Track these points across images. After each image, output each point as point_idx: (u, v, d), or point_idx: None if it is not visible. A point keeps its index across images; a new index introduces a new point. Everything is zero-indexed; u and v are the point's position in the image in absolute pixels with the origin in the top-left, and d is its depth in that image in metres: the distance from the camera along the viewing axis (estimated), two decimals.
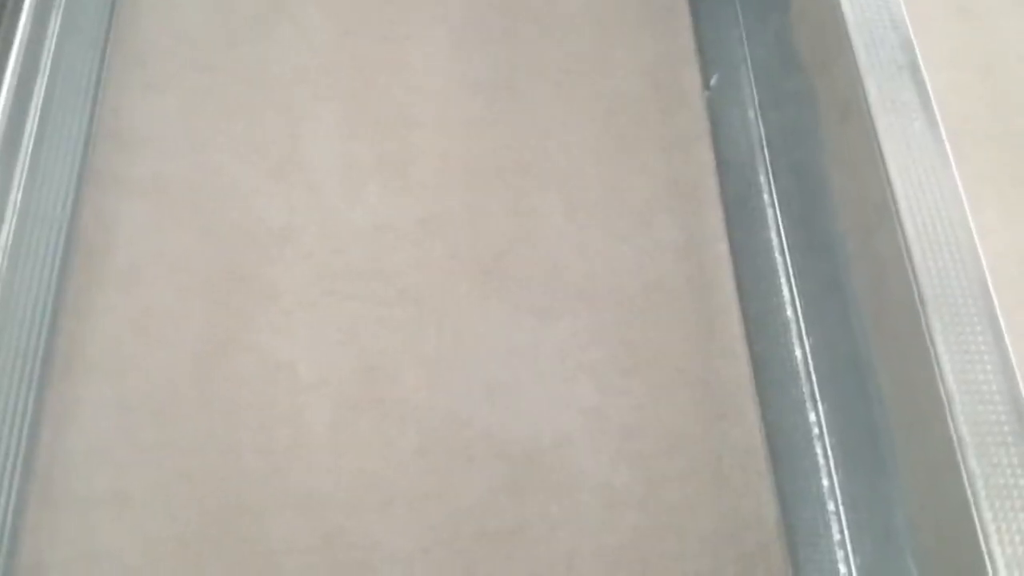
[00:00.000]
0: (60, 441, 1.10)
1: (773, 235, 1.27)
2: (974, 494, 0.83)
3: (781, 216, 1.26)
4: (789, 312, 1.21)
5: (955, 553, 0.86)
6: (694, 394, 1.25)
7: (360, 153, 1.36)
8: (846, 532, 1.07)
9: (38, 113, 1.08)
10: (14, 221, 1.04)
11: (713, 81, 1.45)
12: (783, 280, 1.23)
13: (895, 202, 0.95)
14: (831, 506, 1.08)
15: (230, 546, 1.08)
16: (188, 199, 1.28)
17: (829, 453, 1.10)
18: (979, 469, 0.84)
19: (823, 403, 1.13)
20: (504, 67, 1.47)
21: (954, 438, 0.85)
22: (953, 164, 0.97)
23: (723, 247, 1.36)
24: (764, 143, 1.32)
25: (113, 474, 1.09)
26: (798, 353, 1.18)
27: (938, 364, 0.88)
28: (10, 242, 1.03)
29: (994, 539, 0.81)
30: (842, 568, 1.06)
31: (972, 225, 0.94)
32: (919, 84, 1.00)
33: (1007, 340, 0.89)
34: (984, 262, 0.94)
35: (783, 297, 1.22)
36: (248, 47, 1.41)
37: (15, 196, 1.04)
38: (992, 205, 1.39)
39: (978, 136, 1.43)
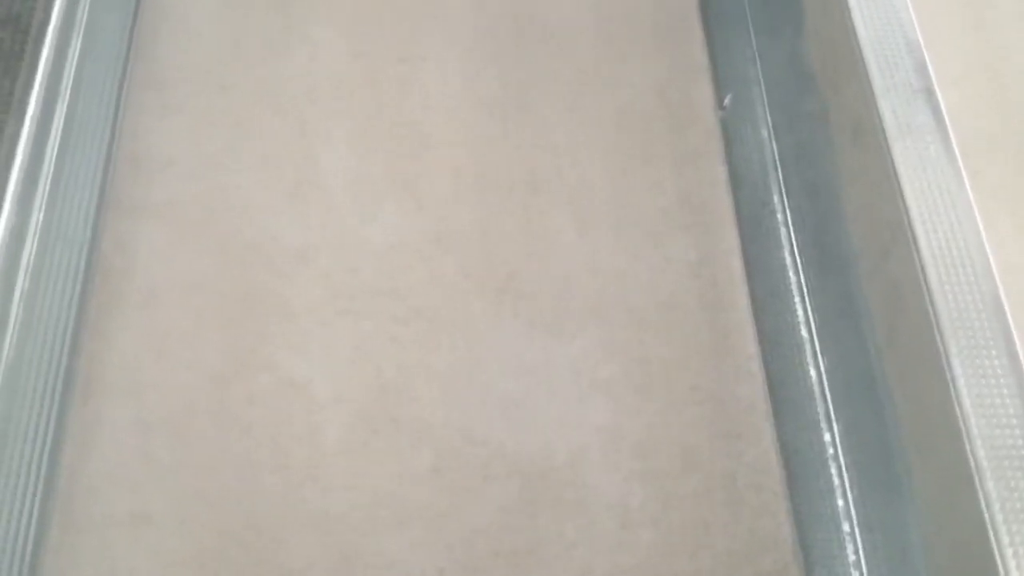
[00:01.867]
0: (80, 462, 1.11)
1: (787, 254, 1.27)
2: (991, 518, 0.83)
3: (795, 235, 1.26)
4: (804, 332, 1.21)
5: None
6: (708, 413, 1.25)
7: (374, 172, 1.37)
8: (861, 553, 1.06)
9: (59, 137, 1.10)
10: (35, 243, 1.05)
11: (727, 101, 1.46)
12: (797, 299, 1.23)
13: (910, 224, 0.95)
14: (846, 527, 1.08)
15: (247, 566, 1.09)
16: (204, 220, 1.29)
17: (844, 474, 1.10)
18: (996, 493, 0.84)
19: (838, 423, 1.13)
20: (516, 85, 1.48)
21: (971, 461, 0.85)
22: (968, 188, 0.97)
23: (736, 264, 1.37)
24: (777, 162, 1.32)
25: (132, 495, 1.10)
26: (813, 373, 1.18)
27: (954, 387, 0.88)
28: (31, 264, 1.04)
29: (1012, 564, 0.80)
30: None
31: (988, 248, 0.94)
32: (934, 108, 1.01)
33: None
34: (999, 281, 0.94)
35: (797, 316, 1.22)
36: (263, 69, 1.43)
37: (36, 218, 1.06)
38: (1006, 219, 1.39)
39: (992, 151, 1.43)
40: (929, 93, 1.02)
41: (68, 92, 1.14)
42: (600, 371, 1.26)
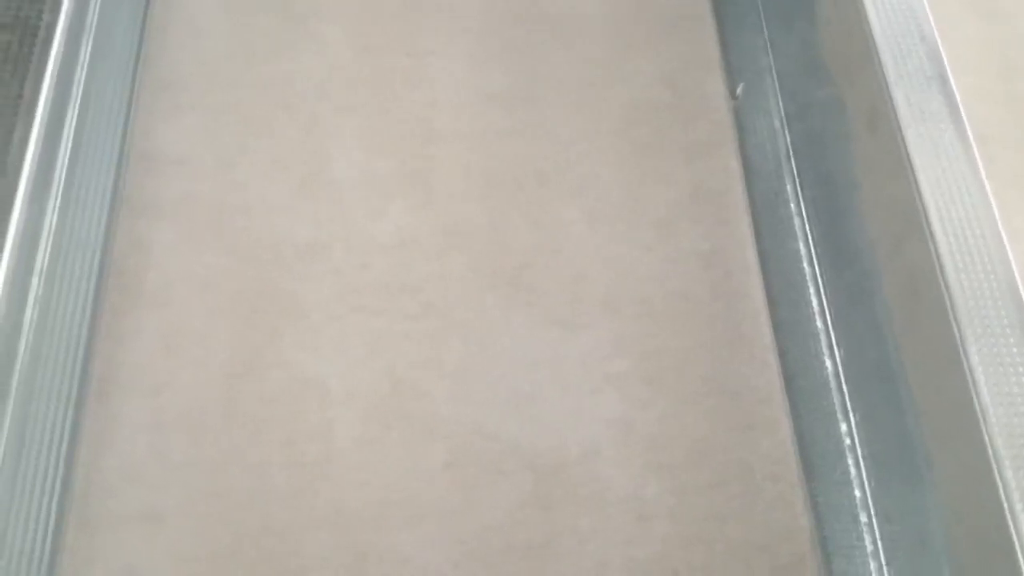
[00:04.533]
0: (96, 461, 1.12)
1: (801, 244, 1.26)
2: (1010, 506, 0.82)
3: (809, 225, 1.26)
4: (819, 322, 1.20)
5: (991, 565, 0.85)
6: (723, 404, 1.24)
7: (383, 167, 1.37)
8: (880, 544, 1.06)
9: (71, 138, 1.10)
10: (49, 245, 1.05)
11: (739, 90, 1.45)
12: (812, 289, 1.22)
13: (925, 212, 0.95)
14: (864, 517, 1.08)
15: (261, 564, 1.09)
16: (216, 218, 1.30)
17: (861, 464, 1.09)
18: (1015, 481, 0.83)
19: (855, 414, 1.12)
20: (524, 78, 1.48)
21: (989, 450, 0.84)
22: (983, 174, 0.96)
23: (751, 255, 1.35)
24: (791, 152, 1.31)
25: (147, 493, 1.11)
26: (828, 364, 1.17)
27: (971, 375, 0.87)
28: (46, 266, 1.04)
29: None
30: None
31: (1004, 236, 0.93)
32: (948, 95, 1.00)
33: None
34: (1016, 271, 0.93)
35: (812, 306, 1.21)
36: (272, 67, 1.43)
37: (50, 220, 1.06)
38: (1020, 209, 1.37)
39: (1004, 140, 1.42)
40: (943, 80, 1.01)
41: (80, 94, 1.14)
42: (613, 364, 1.26)
